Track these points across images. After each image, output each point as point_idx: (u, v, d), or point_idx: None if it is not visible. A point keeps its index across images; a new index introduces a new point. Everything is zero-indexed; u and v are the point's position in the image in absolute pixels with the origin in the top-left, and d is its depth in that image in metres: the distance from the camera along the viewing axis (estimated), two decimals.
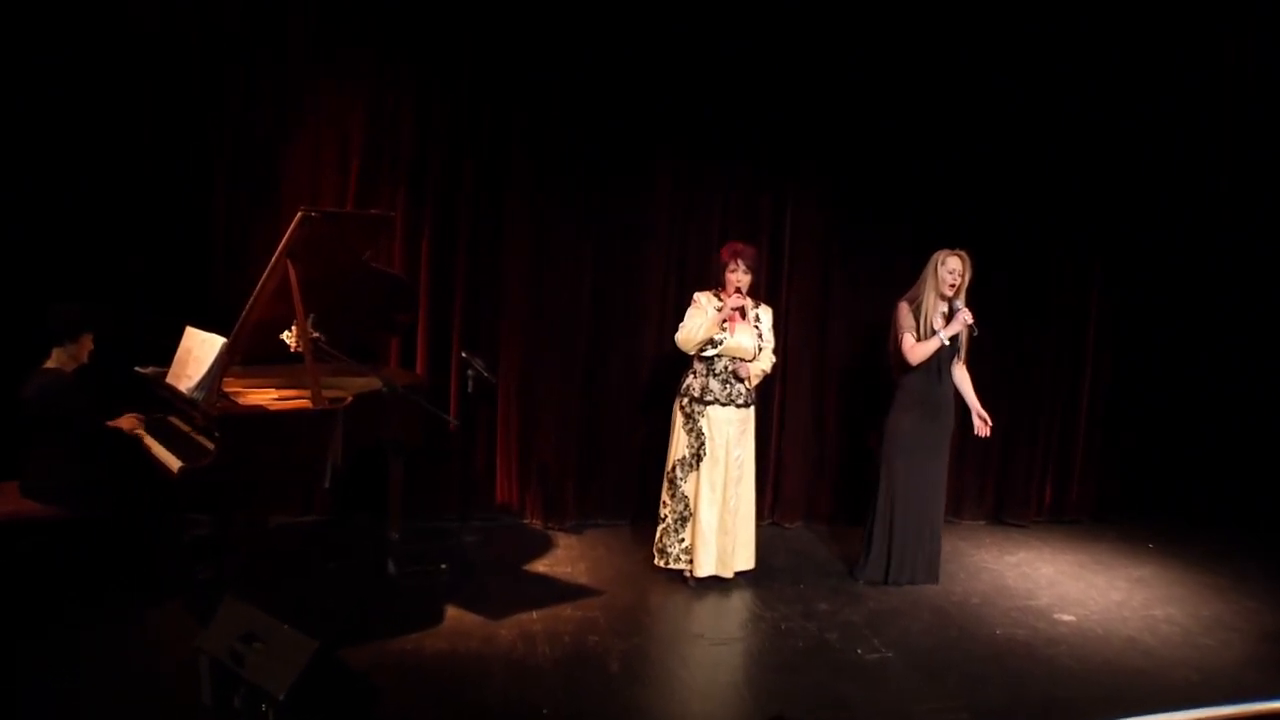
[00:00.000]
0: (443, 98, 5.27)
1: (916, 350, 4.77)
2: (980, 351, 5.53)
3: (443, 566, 4.73)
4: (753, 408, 4.81)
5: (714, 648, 4.05)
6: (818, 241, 5.94)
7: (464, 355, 5.04)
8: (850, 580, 4.98)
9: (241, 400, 4.08)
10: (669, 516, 4.77)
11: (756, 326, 4.77)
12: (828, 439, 6.10)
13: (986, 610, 4.66)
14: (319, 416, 3.91)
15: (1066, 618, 4.60)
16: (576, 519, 5.72)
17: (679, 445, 4.76)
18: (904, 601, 4.72)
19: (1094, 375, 6.39)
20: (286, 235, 3.94)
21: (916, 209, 5.82)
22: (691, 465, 4.73)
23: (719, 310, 4.63)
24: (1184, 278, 6.56)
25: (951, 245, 4.80)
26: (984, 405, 4.99)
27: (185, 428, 4.15)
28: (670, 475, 4.77)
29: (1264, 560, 5.66)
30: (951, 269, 4.72)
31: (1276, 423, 6.53)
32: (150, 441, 4.08)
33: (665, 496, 4.79)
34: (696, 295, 4.79)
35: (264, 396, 4.28)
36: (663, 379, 5.72)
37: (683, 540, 4.76)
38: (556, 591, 4.58)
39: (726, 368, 4.71)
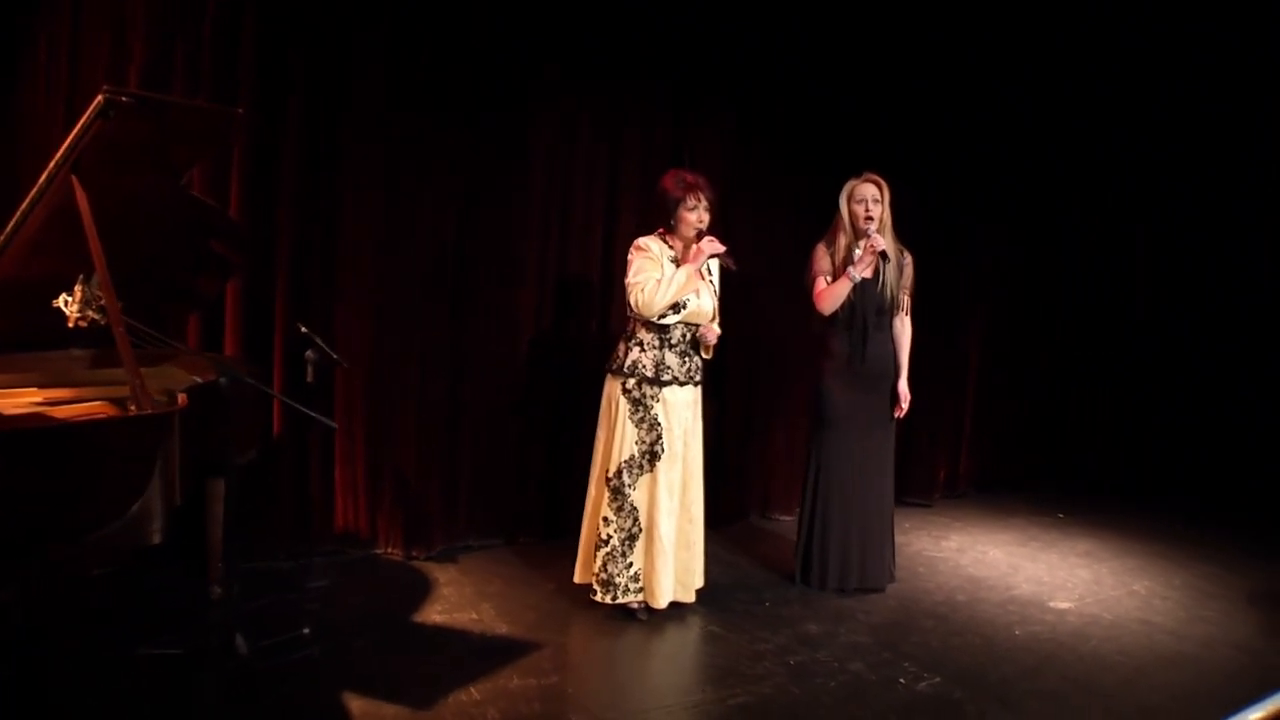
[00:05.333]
0: None
1: (825, 296, 4.01)
2: None
3: (305, 632, 3.29)
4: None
5: (737, 707, 3.02)
6: (723, 188, 5.04)
7: (303, 331, 3.58)
8: (812, 590, 4.12)
9: None
10: (614, 536, 3.64)
11: (712, 282, 3.78)
12: (725, 417, 5.21)
13: (982, 609, 4.01)
14: (144, 426, 2.41)
15: (1064, 605, 4.06)
16: (445, 544, 4.41)
17: (624, 442, 3.63)
18: (892, 609, 3.96)
19: (983, 345, 6.05)
20: (74, 133, 2.44)
21: (846, 154, 5.08)
22: (644, 466, 3.63)
23: (691, 258, 3.58)
24: (1067, 249, 6.49)
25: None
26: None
27: None
28: (614, 483, 3.64)
29: (1175, 522, 5.62)
30: (862, 198, 3.96)
31: (1135, 393, 6.65)
32: None
33: (607, 511, 3.65)
34: (642, 241, 3.68)
35: (22, 402, 2.68)
36: (544, 358, 4.61)
37: (631, 565, 3.66)
38: (481, 652, 3.30)
39: (684, 336, 3.67)
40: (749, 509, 5.43)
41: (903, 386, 4.21)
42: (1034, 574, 4.50)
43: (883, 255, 3.91)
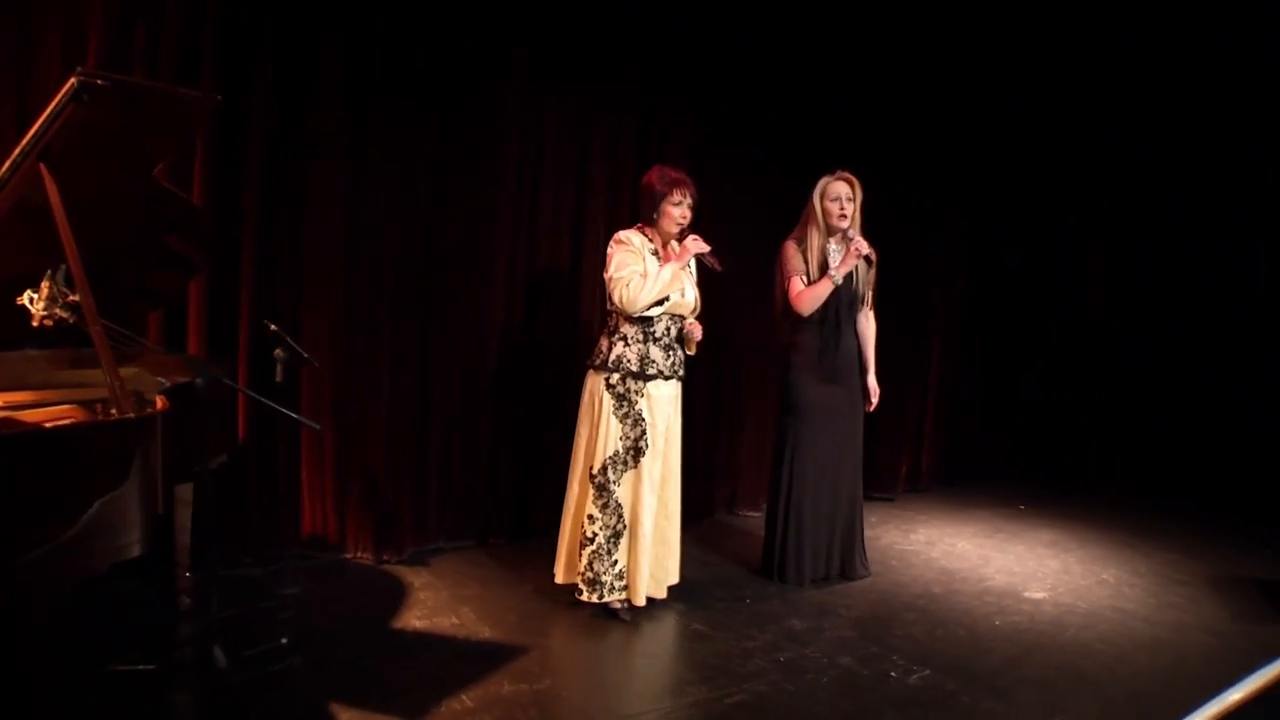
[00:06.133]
0: None
1: (805, 297, 3.97)
2: None
3: (283, 641, 3.16)
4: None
5: (735, 706, 2.98)
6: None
7: (273, 329, 3.43)
8: (789, 585, 4.10)
9: None
10: (599, 534, 3.58)
11: (691, 274, 3.74)
12: (692, 413, 5.17)
13: (959, 600, 4.04)
14: (128, 431, 2.27)
15: (1039, 595, 4.12)
16: (415, 546, 4.29)
17: (609, 437, 3.57)
18: (871, 602, 3.97)
19: (943, 343, 6.13)
20: (43, 119, 2.29)
21: (812, 153, 5.09)
22: (628, 462, 3.58)
23: (677, 255, 3.56)
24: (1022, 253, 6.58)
25: None
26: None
27: None
28: (599, 479, 3.58)
29: (1128, 511, 5.79)
30: (836, 196, 3.94)
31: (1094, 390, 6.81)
32: None
33: (592, 509, 3.59)
34: (622, 234, 3.63)
35: None
36: (513, 355, 4.53)
37: (616, 563, 3.60)
38: (466, 657, 3.21)
39: (668, 330, 3.63)
40: (716, 505, 5.42)
41: (872, 381, 4.23)
42: (1005, 565, 4.56)
43: (865, 259, 3.91)
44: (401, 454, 4.23)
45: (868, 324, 4.24)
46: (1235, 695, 3.19)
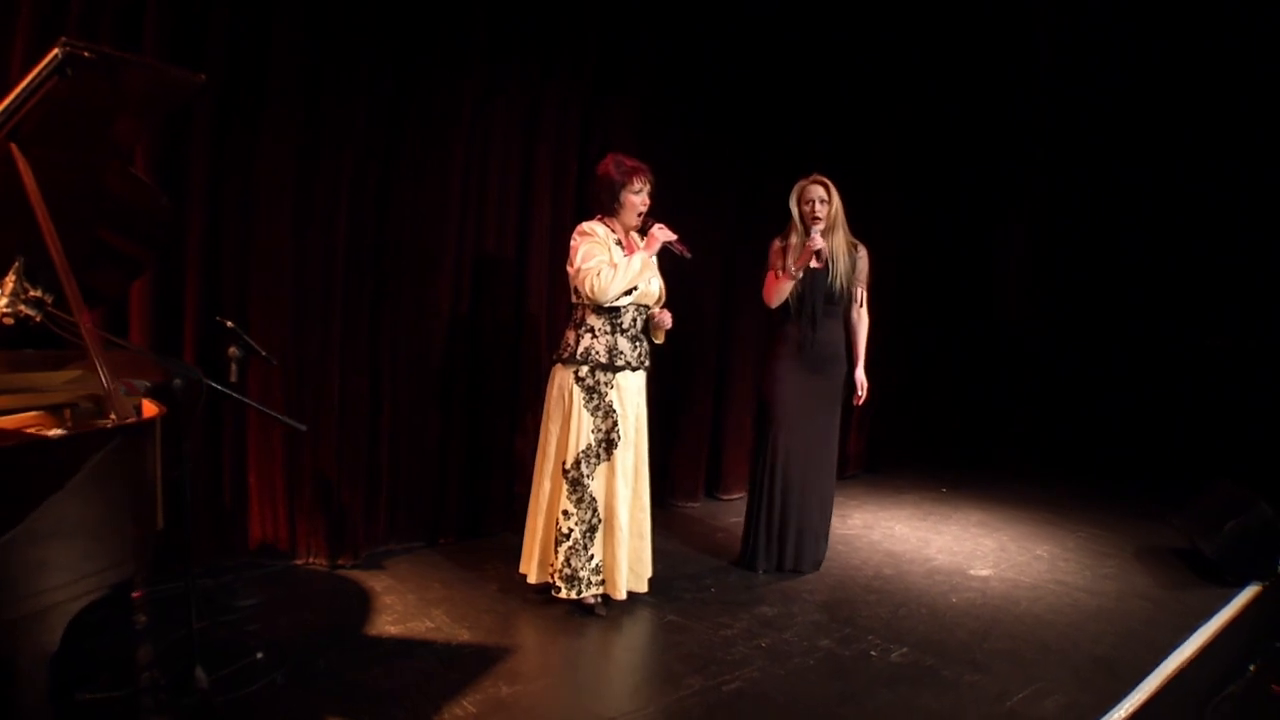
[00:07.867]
0: None
1: (770, 290, 4.16)
2: None
3: (259, 656, 2.99)
4: None
5: (734, 693, 2.99)
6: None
7: (229, 326, 3.23)
8: (757, 573, 4.17)
9: None
10: (575, 529, 3.53)
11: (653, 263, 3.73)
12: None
13: (911, 580, 4.19)
14: (125, 438, 2.09)
15: (984, 573, 4.31)
16: (368, 550, 4.14)
17: (580, 431, 3.53)
18: (831, 587, 4.07)
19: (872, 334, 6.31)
20: (17, 92, 2.11)
21: (760, 142, 5.16)
22: (600, 455, 3.55)
23: (645, 245, 3.54)
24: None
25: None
26: None
27: None
28: (572, 474, 3.53)
29: (1043, 491, 6.16)
30: (809, 198, 4.09)
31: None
32: None
33: (567, 504, 3.54)
34: (585, 226, 3.58)
35: None
36: (460, 349, 4.44)
37: (593, 558, 3.56)
38: (454, 662, 3.11)
39: (635, 320, 3.61)
40: (659, 496, 5.41)
41: (859, 375, 4.33)
42: (944, 545, 4.76)
43: (817, 254, 4.01)
44: (352, 454, 4.06)
45: (859, 320, 4.34)
46: (1187, 652, 3.43)
